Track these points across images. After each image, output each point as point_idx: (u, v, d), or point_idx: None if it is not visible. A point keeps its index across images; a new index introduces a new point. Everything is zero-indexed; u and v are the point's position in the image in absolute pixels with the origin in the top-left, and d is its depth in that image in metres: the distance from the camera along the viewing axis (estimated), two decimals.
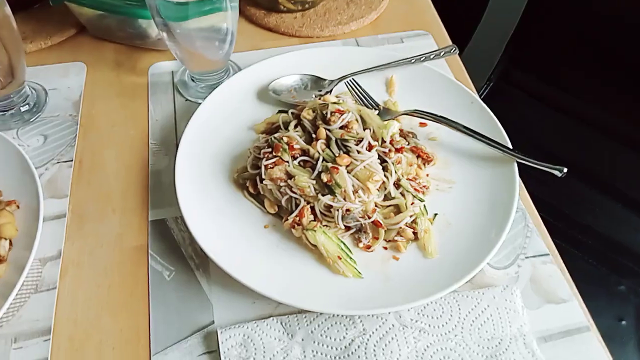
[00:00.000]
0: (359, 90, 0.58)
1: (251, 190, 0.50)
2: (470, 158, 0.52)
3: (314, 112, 0.53)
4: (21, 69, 0.57)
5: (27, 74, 0.61)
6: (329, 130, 0.50)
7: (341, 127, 0.50)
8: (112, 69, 0.64)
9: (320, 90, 0.59)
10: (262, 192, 0.49)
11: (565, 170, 0.47)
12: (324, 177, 0.46)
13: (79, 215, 0.50)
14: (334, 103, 0.52)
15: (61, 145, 0.56)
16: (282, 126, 0.54)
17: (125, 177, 0.53)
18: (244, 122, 0.56)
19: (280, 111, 0.57)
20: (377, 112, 0.54)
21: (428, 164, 0.52)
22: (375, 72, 0.60)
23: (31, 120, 0.58)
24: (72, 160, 0.54)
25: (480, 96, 0.62)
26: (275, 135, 0.50)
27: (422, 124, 0.56)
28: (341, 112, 0.51)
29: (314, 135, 0.50)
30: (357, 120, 0.51)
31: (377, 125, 0.50)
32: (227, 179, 0.52)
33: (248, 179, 0.50)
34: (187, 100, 0.60)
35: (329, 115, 0.50)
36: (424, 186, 0.50)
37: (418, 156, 0.52)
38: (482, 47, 1.03)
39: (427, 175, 0.51)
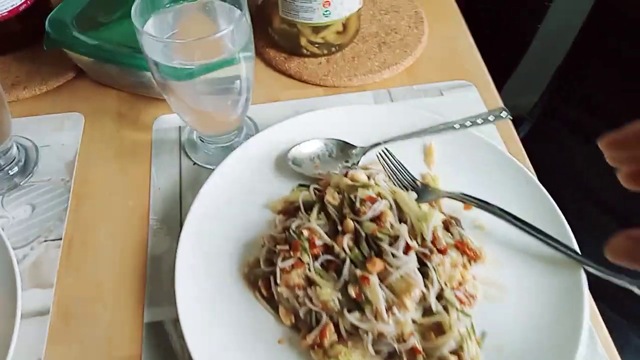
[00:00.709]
0: (392, 163, 0.50)
1: (264, 292, 0.42)
2: (526, 257, 0.44)
3: (339, 194, 0.45)
4: (6, 126, 0.51)
5: (18, 126, 0.54)
6: (358, 222, 0.42)
7: (372, 219, 0.42)
8: (113, 122, 0.57)
9: (348, 161, 0.50)
10: (276, 298, 0.41)
11: None
12: (352, 291, 0.38)
13: (64, 311, 0.43)
14: (364, 187, 0.44)
15: (50, 219, 0.49)
16: (302, 209, 0.46)
17: (120, 263, 0.46)
18: (259, 197, 0.49)
19: (300, 185, 0.49)
20: (414, 191, 0.46)
21: (474, 262, 0.44)
22: (411, 137, 0.51)
23: (20, 184, 0.51)
24: (61, 239, 0.47)
25: (519, 133, 0.54)
26: (294, 226, 0.43)
27: (466, 207, 0.47)
28: (372, 200, 0.43)
29: (339, 227, 0.43)
30: (391, 207, 0.43)
31: (416, 217, 0.42)
32: (236, 273, 0.44)
33: (261, 277, 0.43)
34: (195, 164, 0.53)
35: (358, 204, 0.43)
36: (471, 295, 0.42)
37: (463, 252, 0.44)
38: (524, 81, 0.93)
39: (474, 277, 0.43)
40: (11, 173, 0.52)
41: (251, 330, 0.41)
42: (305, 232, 0.42)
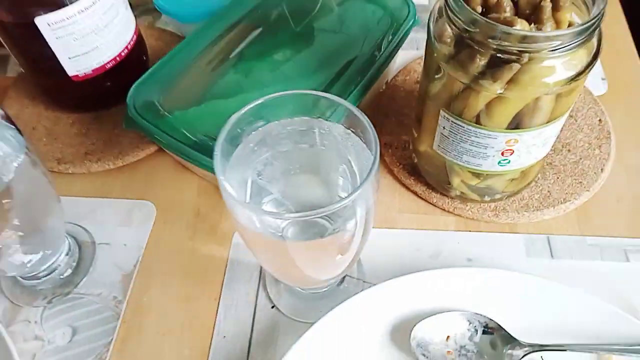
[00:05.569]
0: None
1: None
2: None
3: None
4: (58, 231, 0.41)
5: (78, 209, 0.46)
6: None
7: None
8: (187, 224, 0.45)
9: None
10: None
11: None
12: None
13: None
14: None
15: (89, 354, 0.39)
16: None
17: None
18: None
19: None
20: None
21: None
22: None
23: (65, 294, 0.42)
24: None
25: None
26: None
27: None
28: None
29: None
30: None
31: None
32: None
33: None
34: (274, 307, 0.40)
35: None
36: None
37: None
38: None
39: None
40: (59, 277, 0.42)
41: None
42: None
